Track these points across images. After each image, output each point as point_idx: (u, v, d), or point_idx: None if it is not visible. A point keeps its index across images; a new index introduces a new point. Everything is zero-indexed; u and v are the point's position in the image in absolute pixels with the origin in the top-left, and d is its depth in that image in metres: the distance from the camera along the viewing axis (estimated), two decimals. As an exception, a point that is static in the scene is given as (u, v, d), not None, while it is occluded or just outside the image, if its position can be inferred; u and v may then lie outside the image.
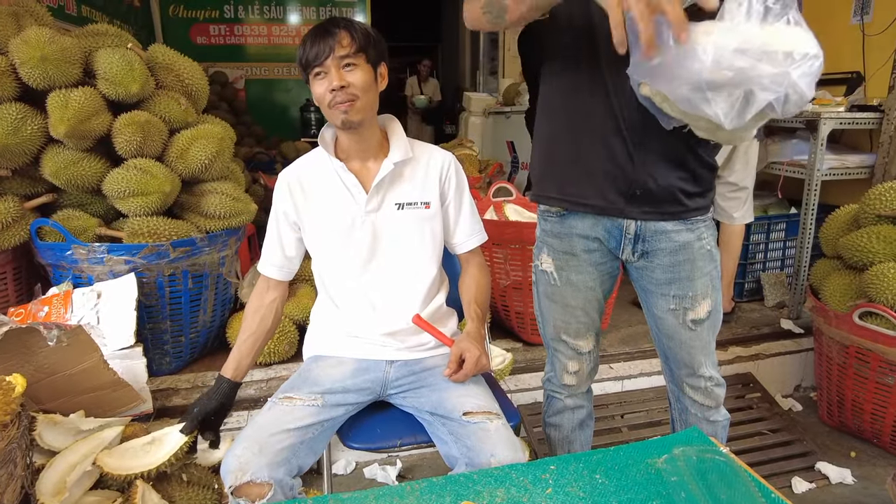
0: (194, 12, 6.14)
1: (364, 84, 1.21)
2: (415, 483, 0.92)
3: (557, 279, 1.31)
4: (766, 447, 2.07)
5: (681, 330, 1.28)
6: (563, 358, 1.38)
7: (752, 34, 0.87)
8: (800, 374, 2.55)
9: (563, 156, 1.24)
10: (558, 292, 1.32)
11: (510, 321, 2.46)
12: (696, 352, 1.29)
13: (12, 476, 1.12)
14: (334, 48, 1.18)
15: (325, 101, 1.21)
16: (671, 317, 1.27)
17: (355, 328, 1.34)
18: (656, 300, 1.29)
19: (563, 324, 1.35)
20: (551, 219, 1.31)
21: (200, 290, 2.15)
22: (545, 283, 1.34)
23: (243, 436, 1.12)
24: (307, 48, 1.20)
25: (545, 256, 1.33)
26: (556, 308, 1.34)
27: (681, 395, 1.37)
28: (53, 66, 1.84)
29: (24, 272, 2.15)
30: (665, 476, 0.95)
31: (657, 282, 1.26)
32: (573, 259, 1.29)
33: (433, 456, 2.06)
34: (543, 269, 1.34)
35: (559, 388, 1.42)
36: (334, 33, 1.19)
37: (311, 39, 1.21)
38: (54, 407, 1.59)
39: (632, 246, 1.24)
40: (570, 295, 1.31)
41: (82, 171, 1.95)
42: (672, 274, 1.24)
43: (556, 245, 1.30)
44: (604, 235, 1.25)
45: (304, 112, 6.05)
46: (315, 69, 1.20)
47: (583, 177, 1.21)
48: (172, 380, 2.13)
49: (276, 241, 1.36)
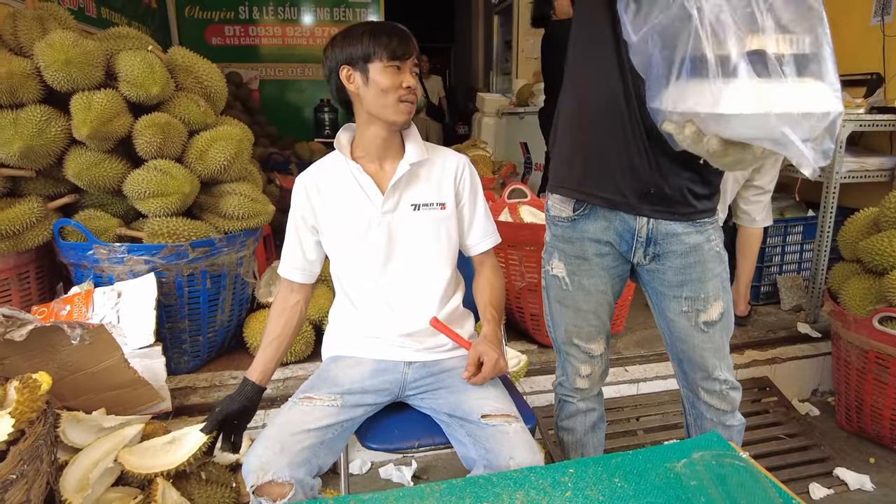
0: (209, 13, 6.20)
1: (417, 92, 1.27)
2: (434, 485, 0.93)
3: (569, 284, 1.31)
4: (782, 452, 2.05)
5: (694, 332, 1.27)
6: (575, 362, 1.38)
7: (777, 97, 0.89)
8: (817, 379, 2.53)
9: (581, 150, 1.25)
10: (570, 297, 1.32)
11: (525, 323, 2.46)
12: (710, 354, 1.29)
13: (38, 472, 1.14)
14: (413, 53, 1.25)
15: (395, 94, 1.23)
16: (683, 319, 1.27)
17: (374, 329, 1.35)
18: (668, 303, 1.28)
19: (574, 328, 1.35)
20: (562, 223, 1.31)
21: (218, 290, 2.17)
22: (556, 287, 1.34)
23: (264, 435, 1.13)
24: (393, 41, 1.22)
25: (556, 261, 1.33)
26: (567, 312, 1.34)
27: (695, 400, 1.37)
28: (77, 69, 1.88)
29: (46, 271, 2.18)
30: (684, 480, 0.95)
31: (669, 284, 1.26)
32: (585, 263, 1.29)
33: (448, 457, 2.06)
34: (554, 274, 1.34)
35: (571, 392, 1.43)
36: (412, 41, 1.26)
37: (393, 35, 1.23)
38: (77, 404, 1.62)
39: (643, 249, 1.25)
40: (582, 299, 1.32)
41: (104, 172, 1.98)
42: (684, 276, 1.24)
43: (567, 250, 1.31)
44: (615, 239, 1.26)
45: (318, 113, 6.08)
46: (395, 62, 1.22)
47: (600, 171, 1.22)
48: (190, 378, 2.16)
49: (296, 245, 1.37)
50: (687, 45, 0.93)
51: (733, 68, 0.90)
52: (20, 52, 2.00)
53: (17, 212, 1.91)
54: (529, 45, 6.50)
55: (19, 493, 1.07)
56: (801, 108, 0.89)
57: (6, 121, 1.84)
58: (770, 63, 0.89)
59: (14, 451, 1.08)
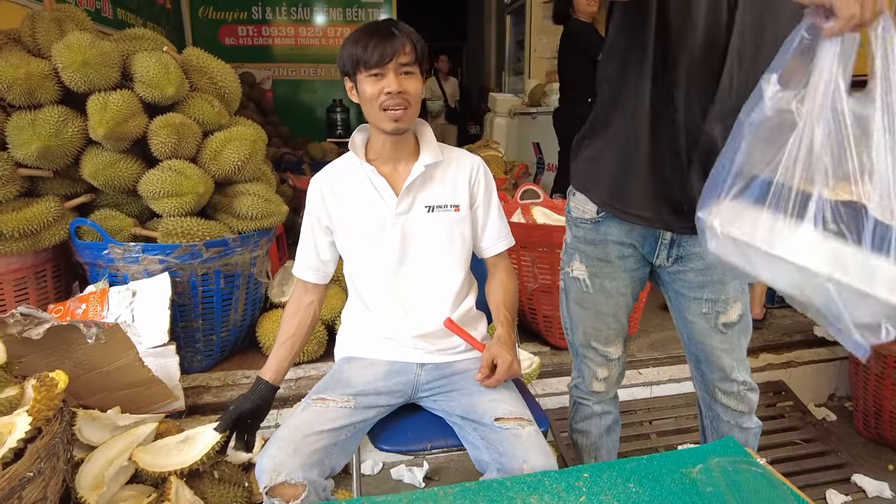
0: (223, 14, 6.25)
1: (417, 93, 1.22)
2: (447, 488, 0.93)
3: (590, 286, 1.30)
4: (798, 457, 2.03)
5: (713, 334, 1.26)
6: (592, 365, 1.37)
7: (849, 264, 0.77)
8: (834, 383, 2.49)
9: (619, 165, 1.20)
10: (590, 299, 1.31)
11: (538, 324, 2.45)
12: (728, 356, 1.28)
13: (55, 469, 1.15)
14: (398, 53, 1.18)
15: (377, 102, 1.20)
16: (703, 321, 1.26)
17: (387, 330, 1.35)
18: (688, 304, 1.27)
19: (593, 331, 1.34)
20: (584, 225, 1.29)
21: (232, 289, 2.18)
22: (576, 289, 1.33)
23: (278, 436, 1.13)
24: (368, 49, 1.18)
25: (577, 263, 1.31)
26: (587, 315, 1.33)
27: (712, 403, 1.36)
28: (94, 70, 1.89)
29: (63, 270, 2.21)
30: (700, 486, 0.94)
31: (690, 285, 1.25)
32: (607, 266, 1.27)
33: (460, 458, 2.06)
34: (575, 276, 1.32)
35: (587, 395, 1.42)
36: (399, 38, 1.19)
37: (373, 40, 1.18)
38: (92, 403, 1.64)
39: (667, 251, 1.23)
40: (602, 302, 1.30)
41: (119, 172, 2.00)
42: (705, 277, 1.22)
43: (589, 252, 1.29)
44: (638, 241, 1.24)
45: (331, 113, 6.11)
46: (374, 70, 1.19)
47: (637, 186, 1.18)
48: (204, 378, 2.17)
49: (310, 246, 1.37)
50: (772, 162, 0.81)
51: (816, 214, 0.78)
52: (38, 53, 2.03)
53: (35, 211, 1.93)
54: (542, 45, 6.49)
55: (36, 491, 1.08)
56: (870, 288, 0.76)
57: (25, 122, 1.87)
58: (856, 221, 0.77)
59: (31, 448, 1.09)
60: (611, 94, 1.21)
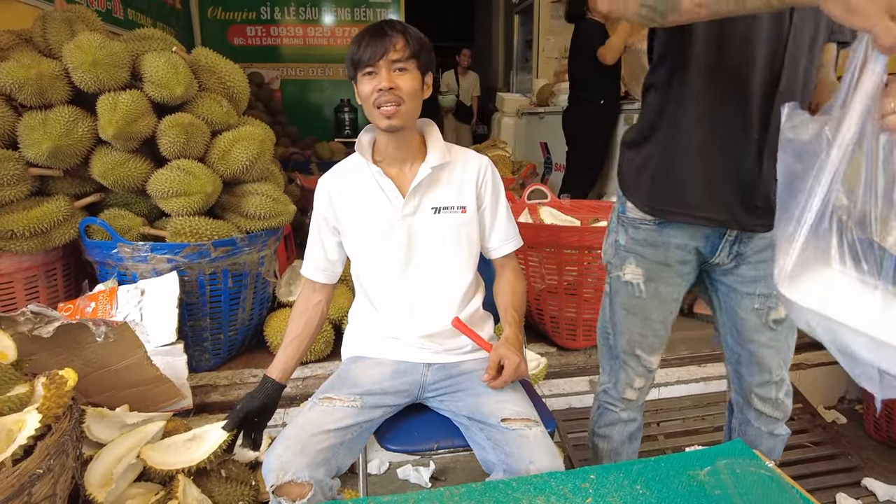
0: (232, 14, 6.28)
1: (411, 90, 1.21)
2: (453, 488, 0.92)
3: (644, 291, 1.25)
4: (808, 460, 2.01)
5: (763, 331, 1.24)
6: (631, 373, 1.33)
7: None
8: (844, 386, 2.47)
9: (691, 170, 1.15)
10: (641, 305, 1.26)
11: (544, 325, 2.44)
12: (775, 353, 1.26)
13: (64, 467, 1.16)
14: (388, 50, 1.19)
15: (371, 100, 1.21)
16: (754, 317, 1.23)
17: (393, 330, 1.35)
18: (740, 300, 1.24)
19: (640, 338, 1.29)
20: (645, 226, 1.22)
21: (240, 288, 2.19)
22: (627, 294, 1.27)
23: (284, 435, 1.14)
24: (361, 48, 1.20)
25: (632, 266, 1.25)
26: (635, 321, 1.28)
27: (745, 406, 1.33)
28: (104, 70, 1.91)
29: (73, 269, 2.23)
30: (708, 489, 0.93)
31: (743, 280, 1.22)
32: (666, 270, 1.23)
33: (466, 458, 2.05)
34: (627, 280, 1.26)
35: (616, 401, 1.38)
36: (390, 35, 1.20)
37: (365, 39, 1.20)
38: (101, 401, 1.65)
39: (728, 249, 1.20)
40: (654, 308, 1.26)
41: (128, 172, 2.01)
42: (758, 272, 1.20)
43: (648, 255, 1.23)
44: (702, 242, 1.20)
45: (339, 112, 6.12)
46: (367, 69, 1.20)
47: (707, 190, 1.14)
48: (211, 376, 2.18)
49: (318, 246, 1.38)
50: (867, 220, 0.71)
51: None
52: (49, 53, 2.05)
53: (46, 210, 1.95)
54: (550, 45, 6.48)
55: (45, 487, 1.09)
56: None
57: (35, 121, 1.88)
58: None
59: (41, 445, 1.10)
60: (663, 100, 1.16)
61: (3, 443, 1.10)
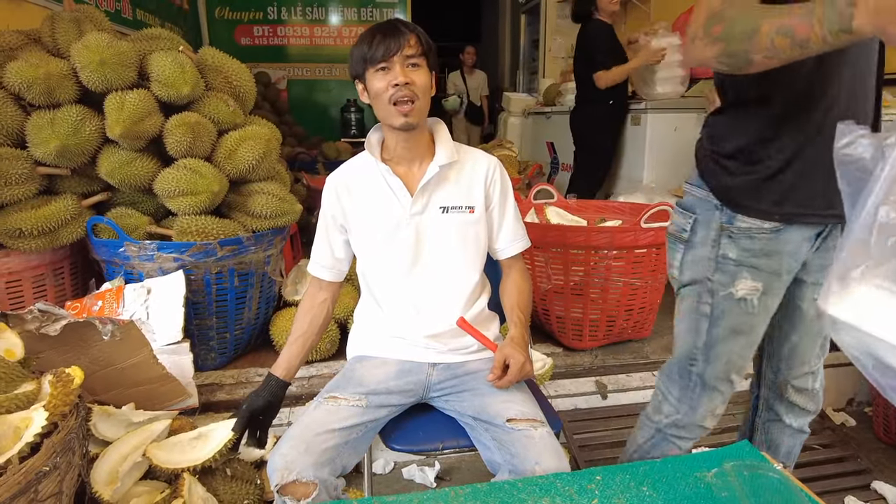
0: (239, 14, 6.30)
1: (424, 86, 1.22)
2: (458, 489, 0.92)
3: (756, 306, 1.16)
4: (816, 463, 1.99)
5: (816, 320, 1.22)
6: (718, 400, 1.25)
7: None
8: (853, 388, 2.45)
9: (820, 167, 1.08)
10: (751, 322, 1.18)
11: (551, 325, 2.43)
12: (820, 341, 1.26)
13: (71, 464, 1.17)
14: (403, 46, 1.19)
15: (386, 96, 1.20)
16: (813, 308, 1.21)
17: (399, 330, 1.35)
18: (804, 291, 1.21)
19: (741, 361, 1.21)
20: (762, 236, 1.13)
21: (246, 287, 2.19)
22: (739, 313, 1.17)
23: (289, 435, 1.13)
24: (373, 44, 1.20)
25: (747, 281, 1.15)
26: (740, 342, 1.20)
27: (777, 402, 1.31)
28: (111, 70, 1.91)
29: (80, 268, 2.24)
30: (715, 491, 0.92)
31: (811, 270, 1.19)
32: (777, 281, 1.16)
33: (472, 458, 2.05)
34: (741, 297, 1.16)
35: (690, 431, 1.31)
36: (404, 33, 1.20)
37: (377, 36, 1.20)
38: (107, 399, 1.65)
39: (819, 242, 1.16)
40: (760, 323, 1.19)
41: (135, 171, 2.02)
42: (824, 260, 1.17)
43: (764, 265, 1.14)
44: (809, 244, 1.15)
45: (345, 112, 6.13)
46: (380, 64, 1.20)
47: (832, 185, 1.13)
48: (217, 375, 2.19)
49: (325, 244, 1.38)
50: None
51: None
52: (57, 53, 2.05)
53: (54, 209, 1.96)
54: (557, 45, 6.46)
55: (52, 485, 1.09)
56: None
57: (44, 121, 1.89)
58: None
59: (47, 443, 1.11)
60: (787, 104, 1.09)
61: (10, 440, 1.10)
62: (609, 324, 2.33)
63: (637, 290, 2.27)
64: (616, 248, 2.16)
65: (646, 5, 4.88)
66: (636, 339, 2.49)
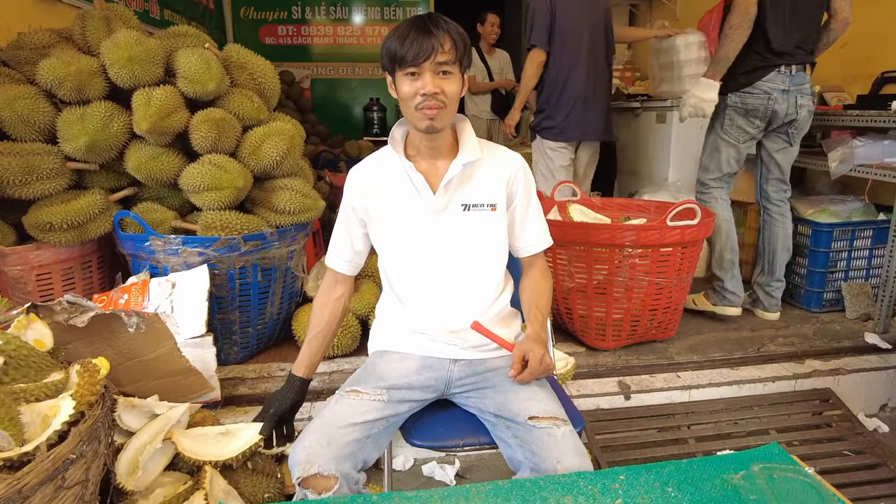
0: (264, 13, 6.35)
1: (455, 94, 1.19)
2: (479, 485, 0.91)
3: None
4: (847, 469, 1.94)
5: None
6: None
7: None
8: (886, 393, 2.38)
9: None
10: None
11: (573, 324, 2.41)
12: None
13: (97, 453, 1.18)
14: (435, 52, 1.14)
15: (413, 102, 1.18)
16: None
17: (420, 325, 1.34)
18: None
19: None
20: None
21: (269, 282, 2.21)
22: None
23: (311, 428, 1.14)
24: (405, 45, 1.15)
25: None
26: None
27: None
28: (139, 66, 1.94)
29: (107, 261, 2.28)
30: (742, 494, 0.90)
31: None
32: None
33: (492, 457, 2.04)
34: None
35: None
36: (437, 35, 1.15)
37: (408, 35, 1.15)
38: (132, 390, 1.68)
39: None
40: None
41: (161, 166, 2.04)
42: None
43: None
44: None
45: (367, 111, 6.14)
46: (409, 69, 1.16)
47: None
48: (240, 369, 2.21)
49: (344, 236, 1.37)
50: None
51: None
52: (87, 50, 2.09)
53: (83, 203, 1.99)
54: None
55: (78, 473, 1.11)
56: None
57: (74, 116, 1.93)
58: None
59: (74, 431, 1.12)
60: None
61: (39, 427, 1.12)
62: (633, 324, 2.30)
63: (662, 290, 2.24)
64: (641, 247, 2.12)
65: (672, 2, 4.80)
66: (660, 339, 2.45)
